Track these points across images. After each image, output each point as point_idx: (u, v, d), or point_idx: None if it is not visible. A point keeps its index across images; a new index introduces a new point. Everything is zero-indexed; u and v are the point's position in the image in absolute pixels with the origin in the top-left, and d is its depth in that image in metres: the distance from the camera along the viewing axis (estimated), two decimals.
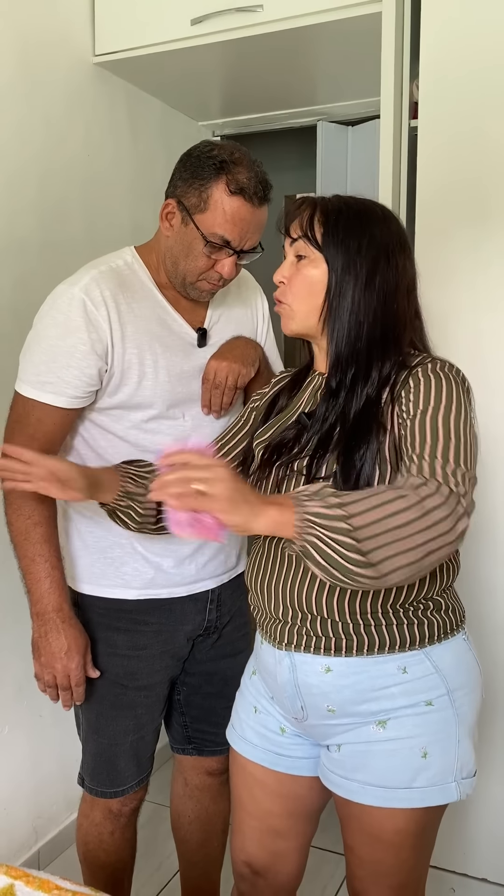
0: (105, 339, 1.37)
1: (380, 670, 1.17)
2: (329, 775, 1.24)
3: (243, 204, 1.34)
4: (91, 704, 1.52)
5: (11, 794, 2.02)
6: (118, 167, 2.30)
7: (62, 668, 1.42)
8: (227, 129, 2.74)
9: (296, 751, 1.29)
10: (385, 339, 1.17)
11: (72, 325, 1.36)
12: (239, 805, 1.37)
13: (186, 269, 1.40)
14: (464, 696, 1.20)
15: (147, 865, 2.08)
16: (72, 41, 2.10)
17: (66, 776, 2.18)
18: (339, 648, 1.17)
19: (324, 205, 1.20)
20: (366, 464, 1.11)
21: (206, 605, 1.56)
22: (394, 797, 1.17)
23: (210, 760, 1.67)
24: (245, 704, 1.35)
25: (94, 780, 1.56)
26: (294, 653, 1.20)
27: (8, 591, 1.95)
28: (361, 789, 1.19)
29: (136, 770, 1.56)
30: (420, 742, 1.17)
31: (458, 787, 1.19)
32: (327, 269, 1.17)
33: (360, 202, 1.22)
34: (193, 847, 1.74)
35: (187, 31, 2.03)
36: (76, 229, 2.13)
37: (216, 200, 1.33)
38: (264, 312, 1.66)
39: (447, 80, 1.76)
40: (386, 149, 1.84)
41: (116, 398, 1.42)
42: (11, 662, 1.99)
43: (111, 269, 1.42)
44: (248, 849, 1.36)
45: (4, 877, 1.16)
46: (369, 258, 1.16)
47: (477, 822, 1.93)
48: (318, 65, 2.20)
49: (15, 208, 1.93)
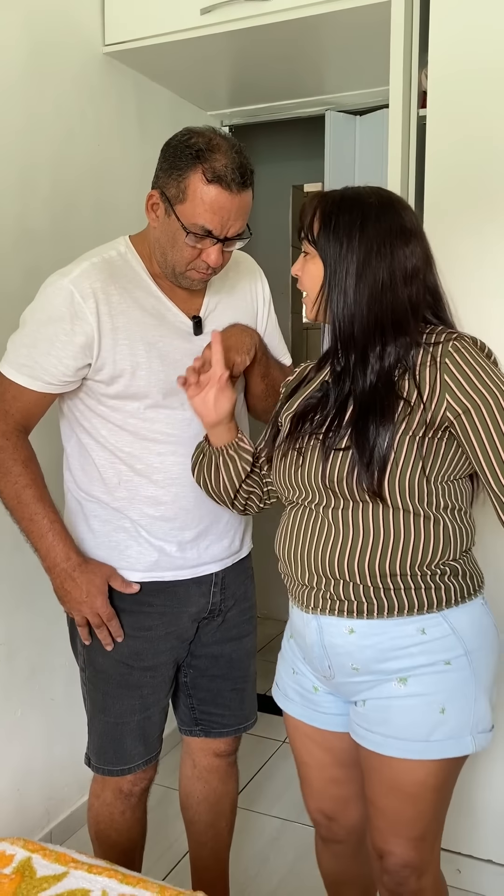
0: (90, 332, 1.39)
1: (400, 631, 1.26)
2: (356, 729, 1.33)
3: (221, 192, 1.32)
4: (97, 684, 1.56)
5: (25, 775, 2.06)
6: (127, 156, 2.31)
7: (89, 609, 1.47)
8: (235, 118, 2.74)
9: (329, 707, 1.40)
10: (380, 326, 1.23)
11: (55, 314, 1.39)
12: (300, 760, 1.50)
13: (174, 260, 1.41)
14: (481, 658, 1.28)
15: (157, 846, 2.12)
16: (82, 31, 2.11)
17: (78, 759, 2.19)
18: (362, 611, 1.27)
19: (323, 203, 1.26)
20: (379, 438, 1.19)
21: (210, 588, 1.59)
22: (412, 749, 1.25)
23: (217, 742, 1.70)
24: (285, 666, 1.46)
25: (101, 758, 1.59)
26: (320, 616, 1.30)
27: (20, 575, 1.99)
28: (384, 741, 1.28)
29: (143, 749, 1.59)
30: (438, 699, 1.25)
31: (474, 740, 1.28)
32: (322, 265, 1.25)
33: (358, 194, 1.27)
34: (202, 827, 1.77)
35: (197, 20, 2.04)
36: (86, 219, 2.15)
37: (194, 190, 1.33)
38: (265, 295, 1.65)
39: (456, 69, 1.76)
40: (394, 138, 1.84)
41: (113, 388, 1.44)
42: (25, 646, 2.02)
43: (104, 261, 1.44)
44: (316, 798, 1.50)
45: (22, 850, 1.20)
46: (361, 251, 1.22)
47: (483, 804, 1.95)
48: (326, 54, 2.21)
49: (27, 198, 1.95)
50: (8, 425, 1.44)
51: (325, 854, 1.57)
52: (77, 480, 1.53)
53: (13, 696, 2.01)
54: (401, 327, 1.24)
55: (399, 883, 1.34)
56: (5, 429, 1.44)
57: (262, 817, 2.32)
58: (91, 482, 1.51)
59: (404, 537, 1.23)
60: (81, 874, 1.15)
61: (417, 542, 1.24)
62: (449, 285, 1.79)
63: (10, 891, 1.12)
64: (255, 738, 2.69)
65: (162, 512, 1.50)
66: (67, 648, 2.11)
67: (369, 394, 1.23)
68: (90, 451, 1.49)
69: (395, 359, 1.23)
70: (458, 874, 1.98)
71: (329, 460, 1.24)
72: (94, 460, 1.49)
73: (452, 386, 1.20)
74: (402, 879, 1.33)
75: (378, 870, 1.37)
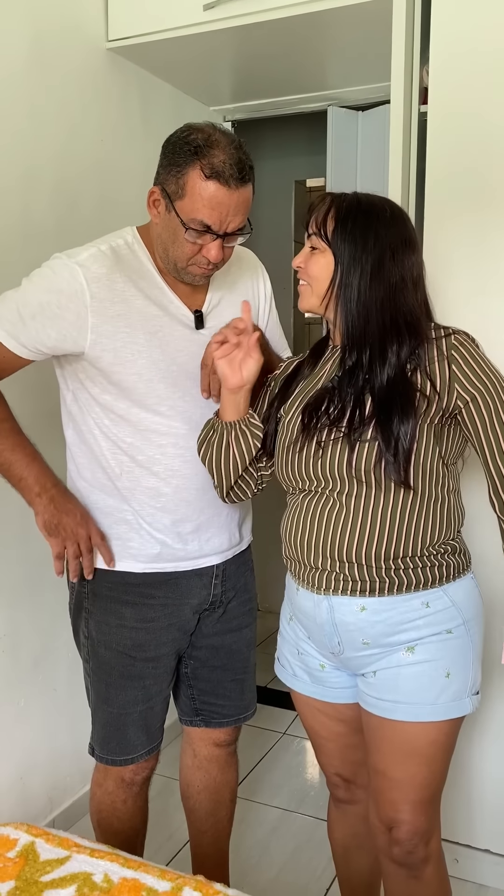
0: (83, 314, 1.40)
1: (407, 606, 1.35)
2: (366, 698, 1.41)
3: (219, 188, 1.32)
4: (100, 675, 1.57)
5: (28, 764, 2.08)
6: (130, 152, 2.33)
7: (84, 532, 1.49)
8: (238, 113, 2.76)
9: (337, 682, 1.47)
10: (395, 324, 1.32)
11: (55, 286, 1.41)
12: (313, 733, 1.57)
13: (175, 255, 1.42)
14: (475, 626, 1.40)
15: (158, 836, 2.14)
16: (85, 27, 2.12)
17: (80, 748, 2.23)
18: (373, 590, 1.35)
19: (338, 204, 1.34)
20: (402, 431, 1.28)
21: (212, 580, 1.60)
22: (422, 712, 1.34)
23: (217, 732, 1.72)
24: (289, 647, 1.52)
25: (104, 748, 1.61)
26: (332, 596, 1.37)
27: (23, 568, 2.01)
28: (394, 707, 1.36)
29: (145, 739, 1.61)
30: (444, 664, 1.35)
31: (471, 701, 1.39)
32: (334, 261, 1.32)
33: (372, 202, 1.35)
34: (202, 816, 1.79)
35: (199, 16, 2.05)
36: (89, 213, 2.16)
37: (192, 186, 1.33)
38: (266, 291, 1.67)
39: (457, 66, 1.77)
40: (396, 134, 1.85)
41: (115, 376, 1.45)
42: (28, 637, 2.04)
43: (111, 249, 1.46)
44: (334, 764, 1.57)
45: (26, 835, 1.22)
46: (375, 254, 1.31)
47: (480, 794, 1.98)
48: (328, 50, 2.22)
49: (31, 193, 1.97)
50: None
51: (339, 818, 1.63)
52: (80, 469, 1.55)
53: (16, 686, 2.03)
54: (414, 328, 1.33)
55: (409, 851, 1.40)
56: None
57: (262, 807, 2.34)
58: (94, 470, 1.52)
59: (416, 520, 1.33)
60: (84, 858, 1.18)
61: (427, 524, 1.34)
62: (448, 281, 1.82)
63: (14, 873, 1.14)
64: (255, 730, 2.72)
65: (163, 503, 1.52)
66: (70, 640, 2.13)
67: (387, 388, 1.31)
68: (92, 439, 1.51)
69: (407, 354, 1.32)
70: (456, 863, 2.00)
71: (355, 451, 1.30)
72: (95, 449, 1.51)
73: (461, 377, 1.31)
74: (413, 847, 1.40)
75: (386, 843, 1.42)
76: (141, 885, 1.12)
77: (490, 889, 1.99)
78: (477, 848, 2.01)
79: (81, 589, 1.58)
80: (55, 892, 1.11)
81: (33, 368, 1.91)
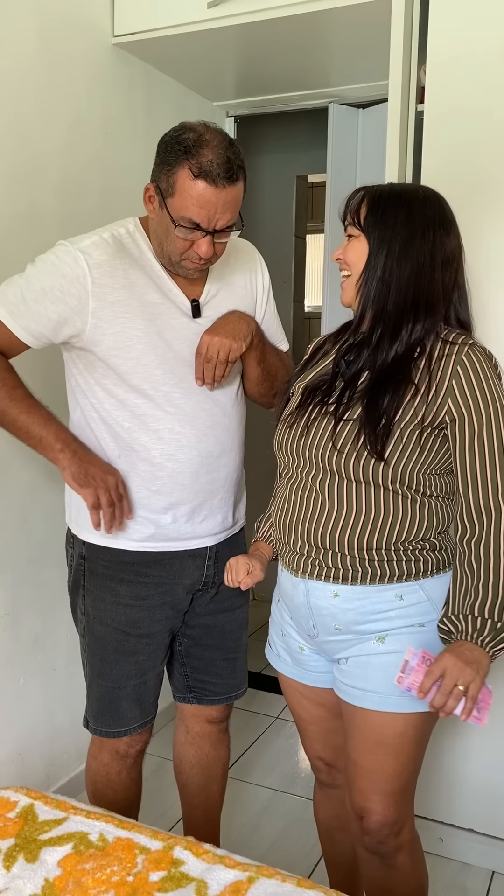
0: (84, 299, 1.46)
1: (380, 597, 1.37)
2: (339, 685, 1.44)
3: (207, 186, 1.36)
4: (95, 650, 1.63)
5: (26, 741, 2.14)
6: (134, 145, 2.38)
7: (114, 480, 1.52)
8: (240, 109, 2.80)
9: (316, 666, 1.50)
10: (415, 303, 1.33)
11: (58, 270, 1.46)
12: (296, 715, 1.61)
13: (169, 250, 1.47)
14: None
15: (151, 813, 2.19)
16: (92, 22, 2.17)
17: (78, 726, 2.28)
18: (346, 578, 1.37)
19: (372, 192, 1.37)
20: (389, 411, 1.29)
21: (205, 561, 1.66)
22: (388, 702, 1.36)
23: (210, 709, 1.78)
24: (275, 628, 1.57)
25: (99, 721, 1.67)
26: (308, 580, 1.41)
27: (25, 548, 2.07)
28: (362, 695, 1.38)
29: (139, 712, 1.67)
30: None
31: None
32: (367, 245, 1.34)
33: (405, 186, 1.39)
34: (194, 790, 1.85)
35: (204, 13, 2.10)
36: (93, 204, 2.21)
37: (181, 185, 1.38)
38: (264, 283, 1.70)
39: (454, 66, 1.82)
40: (393, 132, 1.90)
41: (112, 360, 1.50)
42: (29, 616, 2.10)
43: (113, 237, 1.51)
44: (316, 748, 1.61)
45: (25, 797, 1.28)
46: (404, 232, 1.32)
47: (464, 774, 2.03)
48: (330, 48, 2.26)
49: (37, 183, 2.02)
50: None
51: (323, 800, 1.68)
52: None
53: (16, 664, 2.09)
54: (432, 308, 1.34)
55: (379, 842, 1.43)
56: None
57: (254, 788, 2.40)
58: (95, 452, 1.57)
59: (392, 516, 1.34)
60: (80, 819, 1.23)
61: (404, 519, 1.35)
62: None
63: (14, 832, 1.20)
64: (249, 714, 2.78)
65: (158, 486, 1.57)
66: (70, 620, 2.18)
67: (390, 365, 1.32)
68: (93, 423, 1.56)
69: (419, 337, 1.33)
70: (441, 843, 2.07)
71: (338, 428, 1.33)
72: (96, 433, 1.56)
73: (457, 393, 1.29)
74: (383, 838, 1.42)
75: (358, 831, 1.45)
76: (134, 844, 1.18)
77: (473, 867, 2.05)
78: (461, 827, 2.07)
79: (79, 567, 1.63)
80: (53, 849, 1.17)
81: (39, 353, 1.96)
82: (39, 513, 2.08)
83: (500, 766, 1.99)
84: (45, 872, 1.13)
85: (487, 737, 1.99)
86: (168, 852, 1.16)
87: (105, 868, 1.13)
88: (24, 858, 1.15)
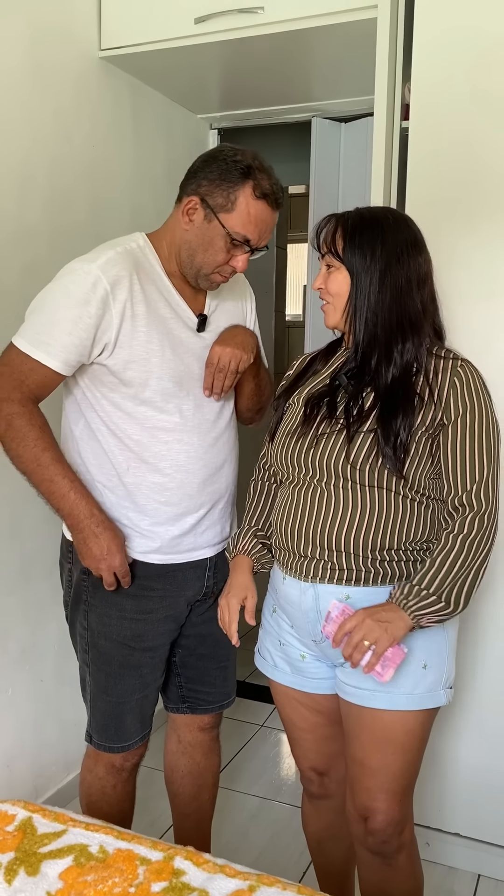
0: (112, 318, 1.47)
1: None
2: (344, 688, 1.46)
3: (265, 208, 1.49)
4: (100, 666, 1.63)
5: (14, 753, 2.13)
6: (120, 157, 2.39)
7: (107, 566, 1.53)
8: (224, 122, 2.83)
9: (317, 673, 1.53)
10: (401, 326, 1.41)
11: (82, 297, 1.46)
12: (290, 724, 1.62)
13: (203, 262, 1.52)
14: (451, 623, 1.46)
15: (141, 822, 2.18)
16: (79, 35, 2.18)
17: (66, 738, 2.29)
18: (358, 579, 1.41)
19: (343, 221, 1.43)
20: (402, 430, 1.36)
21: (205, 572, 1.67)
22: (399, 700, 1.41)
23: (202, 717, 1.79)
24: (271, 639, 1.58)
25: (103, 736, 1.66)
26: (318, 584, 1.44)
27: (14, 560, 2.06)
28: (372, 695, 1.41)
29: (139, 727, 1.67)
30: (422, 656, 1.42)
31: (445, 694, 1.46)
32: (349, 276, 1.41)
33: (374, 213, 1.45)
34: (186, 800, 1.86)
35: (191, 29, 2.12)
36: (81, 216, 2.22)
37: (242, 203, 1.48)
38: (252, 308, 1.78)
39: (438, 84, 1.86)
40: (378, 149, 1.94)
41: (127, 374, 1.51)
42: (16, 627, 2.09)
43: (126, 251, 1.53)
44: (309, 756, 1.62)
45: (23, 810, 1.28)
46: (382, 261, 1.39)
47: (451, 779, 2.06)
48: (314, 64, 2.30)
49: (25, 196, 2.02)
50: (23, 394, 1.48)
51: (313, 813, 1.69)
52: (87, 464, 1.59)
53: (4, 675, 2.08)
54: (415, 326, 1.41)
55: (384, 841, 1.46)
56: (21, 397, 1.48)
57: (242, 796, 2.41)
58: (101, 466, 1.57)
59: (401, 515, 1.40)
60: (79, 831, 1.24)
61: (412, 520, 1.41)
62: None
63: (14, 845, 1.20)
64: (234, 722, 2.79)
65: (167, 497, 1.58)
66: (58, 631, 2.19)
67: (391, 386, 1.39)
68: (100, 435, 1.56)
69: (412, 356, 1.41)
70: (427, 847, 2.09)
71: (352, 442, 1.39)
72: (104, 445, 1.56)
73: (451, 400, 1.38)
74: (387, 837, 1.46)
75: (361, 832, 1.48)
76: (135, 855, 1.19)
77: (459, 871, 2.08)
78: (447, 832, 2.09)
79: (81, 582, 1.62)
80: (53, 862, 1.17)
81: None
82: (28, 524, 2.08)
83: (486, 770, 2.02)
84: (47, 885, 1.13)
85: (474, 741, 2.02)
86: (169, 862, 1.17)
87: (107, 880, 1.13)
88: (26, 872, 1.15)
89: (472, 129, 1.84)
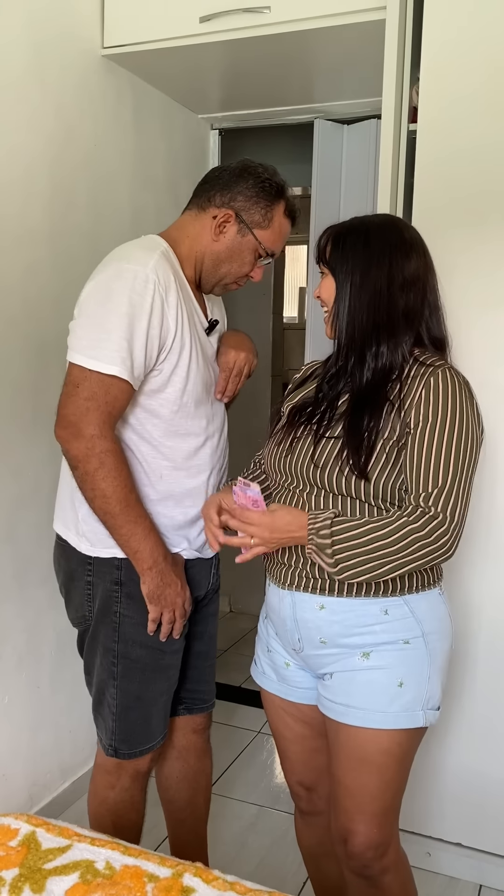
0: (169, 325, 1.47)
1: (365, 610, 1.38)
2: (323, 701, 1.44)
3: (289, 225, 1.60)
4: (133, 675, 1.58)
5: (9, 761, 2.09)
6: (122, 157, 2.36)
7: (182, 601, 1.54)
8: (225, 122, 2.81)
9: (301, 682, 1.51)
10: (376, 328, 1.38)
11: (146, 306, 1.42)
12: (278, 735, 1.59)
13: (227, 272, 1.57)
14: (436, 641, 1.41)
15: None
16: (82, 34, 2.15)
17: (61, 746, 2.26)
18: (332, 590, 1.38)
19: (335, 229, 1.43)
20: (370, 431, 1.33)
21: (211, 569, 1.69)
22: (372, 718, 1.37)
23: (196, 718, 1.78)
24: (261, 644, 1.58)
25: (132, 743, 1.61)
26: (295, 592, 1.42)
27: (9, 566, 2.03)
28: (346, 711, 1.39)
29: (162, 726, 1.66)
30: (397, 673, 1.37)
31: (425, 715, 1.40)
32: (334, 280, 1.41)
33: (364, 218, 1.44)
34: (181, 805, 1.83)
35: (195, 28, 2.09)
36: (82, 218, 2.19)
37: (276, 220, 1.56)
38: (224, 315, 1.80)
39: (447, 87, 1.84)
40: (386, 152, 1.92)
41: (172, 381, 1.51)
42: (12, 635, 2.06)
43: (163, 255, 1.50)
44: (297, 770, 1.59)
45: (26, 824, 1.25)
46: (361, 262, 1.38)
47: (453, 789, 2.04)
48: (318, 65, 2.28)
49: (26, 197, 1.99)
50: (112, 426, 1.43)
51: (304, 829, 1.66)
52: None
53: (0, 683, 2.04)
54: (393, 330, 1.38)
55: (364, 865, 1.42)
56: (112, 432, 1.43)
57: (239, 804, 2.38)
58: (134, 474, 1.53)
59: None
60: (85, 846, 1.20)
61: None
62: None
63: (18, 861, 1.17)
64: (230, 729, 2.77)
65: (193, 499, 1.59)
66: (54, 638, 2.16)
67: (365, 389, 1.37)
68: (134, 445, 1.53)
69: (387, 360, 1.37)
70: (428, 857, 2.07)
71: (319, 446, 1.37)
72: (137, 455, 1.53)
73: (423, 401, 1.33)
74: (367, 861, 1.42)
75: (343, 854, 1.44)
76: (142, 872, 1.15)
77: (461, 881, 2.06)
78: (448, 842, 2.08)
79: (112, 595, 1.56)
80: (59, 878, 1.14)
81: (35, 359, 1.92)
82: (25, 528, 2.05)
83: (487, 779, 2.00)
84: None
85: (475, 750, 2.00)
86: (177, 879, 1.14)
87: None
88: (31, 889, 1.12)
89: (481, 133, 1.82)
